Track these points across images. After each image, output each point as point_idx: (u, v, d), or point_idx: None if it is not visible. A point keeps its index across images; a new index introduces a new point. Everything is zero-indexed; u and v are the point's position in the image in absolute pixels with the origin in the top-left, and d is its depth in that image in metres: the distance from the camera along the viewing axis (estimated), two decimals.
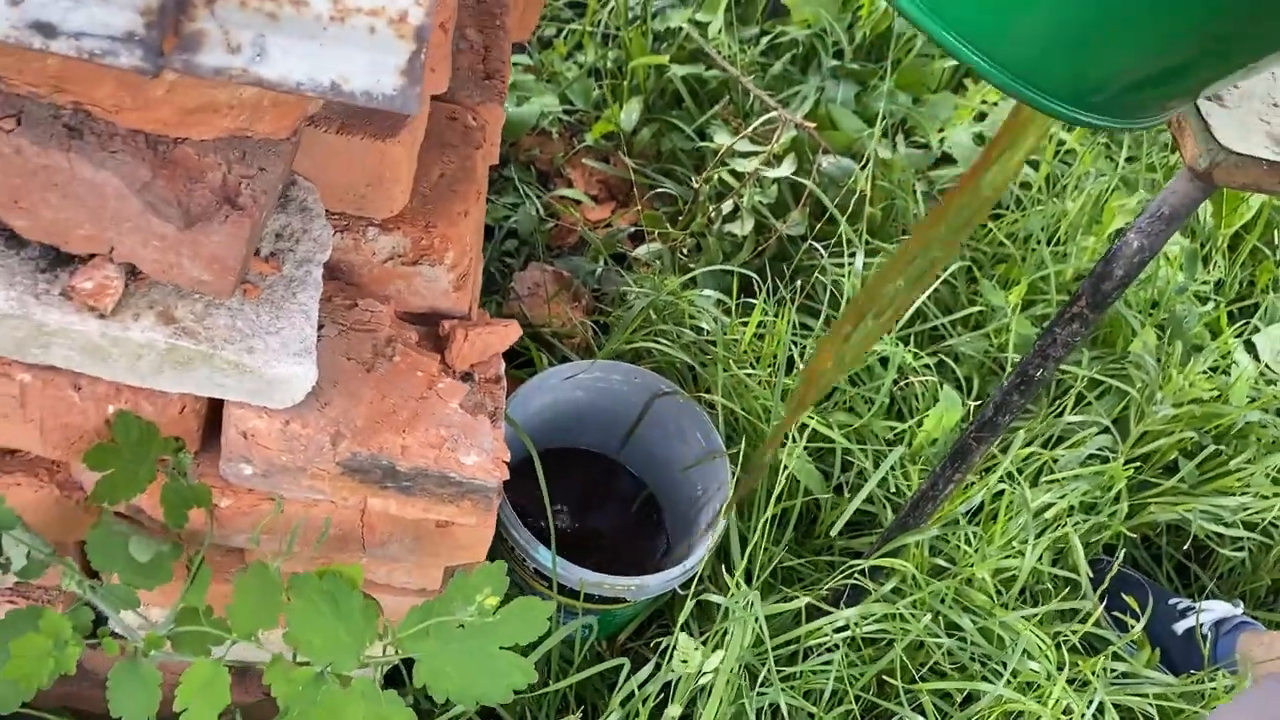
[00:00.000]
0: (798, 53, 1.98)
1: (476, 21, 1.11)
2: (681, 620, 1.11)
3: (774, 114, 1.70)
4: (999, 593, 1.39)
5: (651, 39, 1.98)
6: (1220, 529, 1.60)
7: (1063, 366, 1.62)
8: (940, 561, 1.41)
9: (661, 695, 1.15)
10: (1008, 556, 1.40)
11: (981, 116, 1.89)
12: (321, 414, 0.82)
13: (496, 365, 0.96)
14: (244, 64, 0.57)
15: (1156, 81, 0.63)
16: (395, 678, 1.15)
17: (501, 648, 0.88)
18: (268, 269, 0.79)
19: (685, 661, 0.91)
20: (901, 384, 1.64)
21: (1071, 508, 1.51)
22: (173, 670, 0.90)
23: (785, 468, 1.40)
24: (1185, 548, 1.66)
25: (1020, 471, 1.53)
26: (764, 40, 1.98)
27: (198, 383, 0.77)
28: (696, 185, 1.81)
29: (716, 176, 1.80)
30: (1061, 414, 1.59)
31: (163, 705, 0.90)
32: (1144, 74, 0.62)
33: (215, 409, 0.85)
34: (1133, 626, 1.44)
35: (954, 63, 1.97)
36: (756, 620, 1.16)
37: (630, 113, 1.93)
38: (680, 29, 1.93)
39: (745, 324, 1.60)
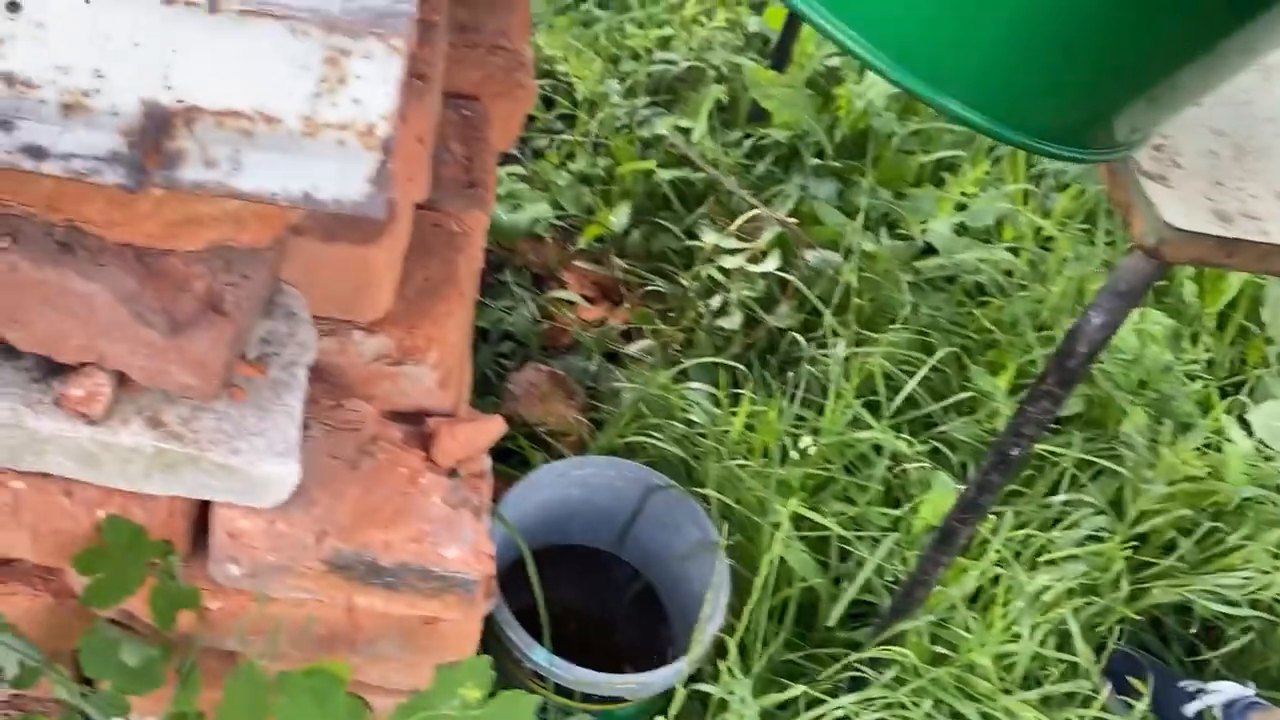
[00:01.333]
0: (780, 154, 2.04)
1: (460, 135, 1.17)
2: (674, 713, 1.10)
3: (758, 212, 1.76)
4: (1001, 678, 1.37)
5: (640, 146, 2.05)
6: (1225, 608, 1.58)
7: (1053, 449, 1.63)
8: (941, 649, 1.40)
9: None
10: (1008, 641, 1.39)
11: (962, 207, 1.94)
12: (306, 513, 0.84)
13: (481, 461, 0.98)
14: (220, 178, 0.60)
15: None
16: None
17: None
18: (254, 372, 0.82)
19: None
20: (896, 471, 1.65)
21: (1071, 590, 1.50)
22: None
23: (780, 559, 1.40)
24: (1193, 630, 1.64)
25: (1018, 555, 1.52)
26: (747, 143, 2.05)
27: (185, 485, 0.80)
28: (685, 283, 1.86)
29: (705, 274, 1.85)
30: (1055, 491, 1.59)
31: None
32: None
33: (203, 510, 0.87)
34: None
35: (933, 157, 2.03)
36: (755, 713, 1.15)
37: (620, 216, 1.99)
38: (665, 136, 2.01)
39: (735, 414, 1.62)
